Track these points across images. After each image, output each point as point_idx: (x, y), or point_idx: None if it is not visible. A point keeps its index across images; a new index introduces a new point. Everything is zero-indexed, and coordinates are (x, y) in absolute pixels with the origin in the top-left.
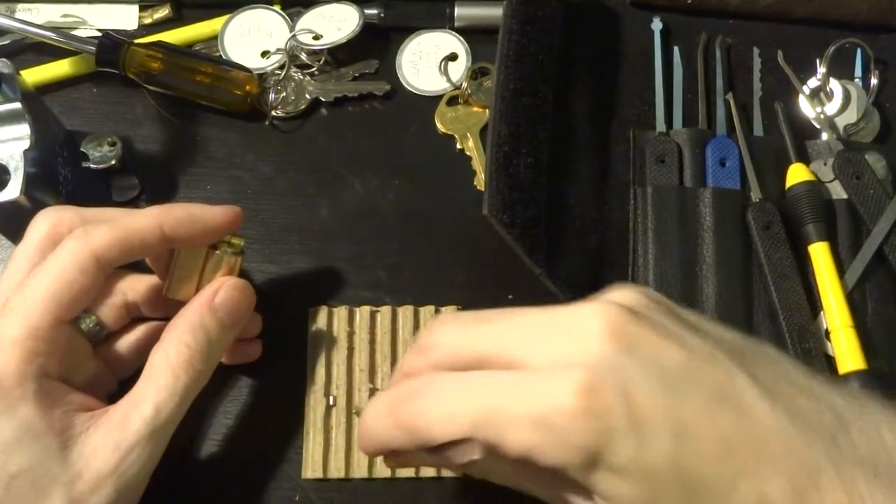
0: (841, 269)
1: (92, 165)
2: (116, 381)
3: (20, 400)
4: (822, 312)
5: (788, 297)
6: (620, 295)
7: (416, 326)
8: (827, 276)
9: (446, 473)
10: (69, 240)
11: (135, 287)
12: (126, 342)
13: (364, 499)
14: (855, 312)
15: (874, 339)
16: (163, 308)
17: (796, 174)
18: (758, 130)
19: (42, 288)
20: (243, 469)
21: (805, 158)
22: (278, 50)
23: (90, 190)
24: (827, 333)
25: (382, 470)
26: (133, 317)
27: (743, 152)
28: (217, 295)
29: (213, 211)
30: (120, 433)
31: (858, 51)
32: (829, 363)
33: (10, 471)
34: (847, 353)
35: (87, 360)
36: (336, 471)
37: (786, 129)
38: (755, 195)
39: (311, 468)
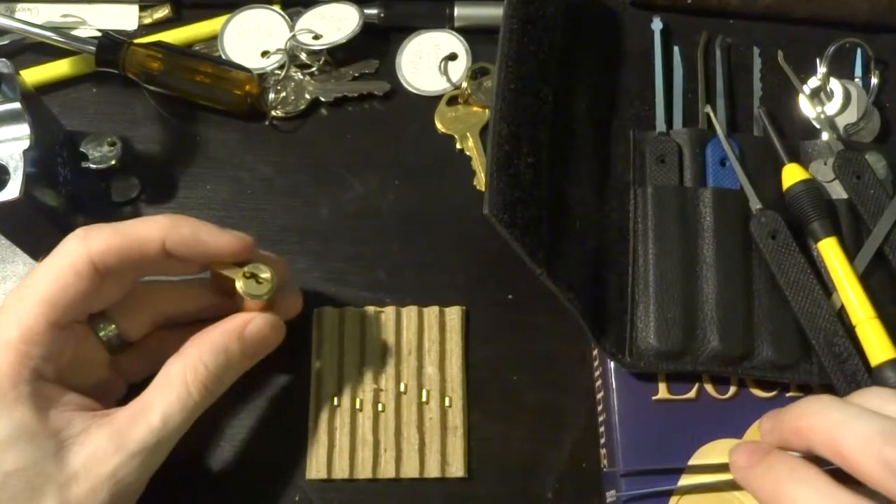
0: None
1: (92, 165)
2: (126, 386)
3: (15, 401)
4: (841, 308)
5: (808, 304)
6: None
7: (420, 327)
8: (842, 271)
9: (449, 475)
10: (68, 240)
11: (162, 298)
12: (141, 349)
13: (365, 500)
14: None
15: None
16: (190, 316)
17: (792, 174)
18: (758, 131)
19: (37, 290)
20: (243, 469)
21: (797, 158)
22: (278, 50)
23: (90, 190)
24: (849, 330)
25: (386, 471)
26: (157, 326)
27: (732, 161)
28: (249, 325)
29: (220, 238)
30: (122, 438)
31: (858, 51)
32: (862, 358)
33: (4, 469)
34: (876, 344)
35: (98, 367)
36: (340, 472)
37: (772, 130)
38: (753, 204)
39: (315, 469)
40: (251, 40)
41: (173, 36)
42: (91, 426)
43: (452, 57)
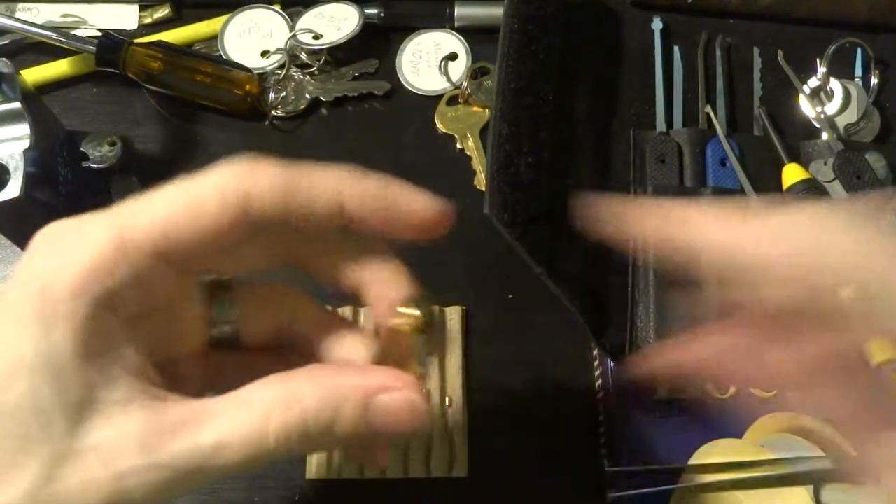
0: None
1: (92, 165)
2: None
3: (63, 318)
4: None
5: None
6: None
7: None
8: None
9: (449, 474)
10: (228, 164)
11: (299, 301)
12: (242, 362)
13: (365, 500)
14: None
15: None
16: (328, 341)
17: (792, 174)
18: (758, 131)
19: (165, 203)
20: None
21: (797, 158)
22: (278, 50)
23: (90, 190)
24: None
25: (393, 471)
26: (281, 343)
27: (733, 160)
28: (385, 394)
29: (416, 200)
30: (157, 439)
31: (858, 51)
32: None
33: (3, 397)
34: (876, 343)
35: (187, 355)
36: (340, 471)
37: (772, 130)
38: None
39: (315, 468)
40: (251, 40)
41: (173, 36)
42: (134, 402)
43: (452, 57)
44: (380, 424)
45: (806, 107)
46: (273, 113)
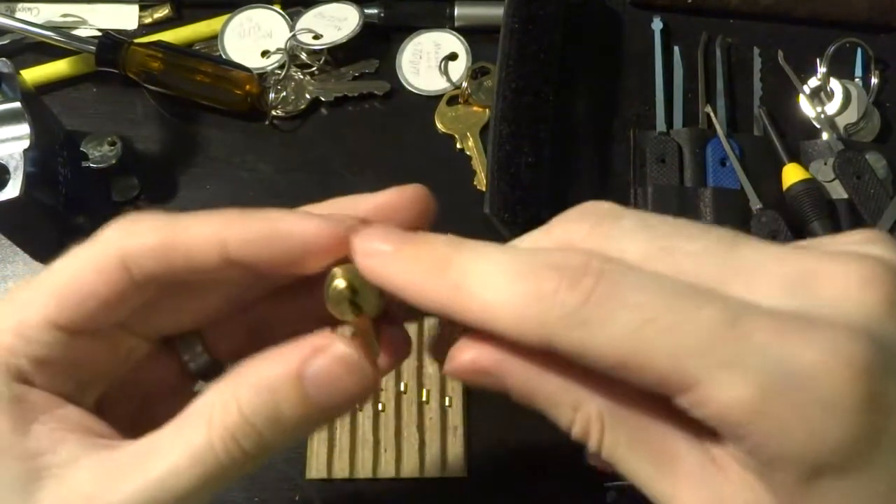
0: None
1: (92, 165)
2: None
3: None
4: None
5: None
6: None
7: (420, 326)
8: None
9: (449, 475)
10: (107, 227)
11: (254, 303)
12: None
13: (365, 500)
14: None
15: None
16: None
17: (792, 174)
18: (758, 131)
19: (50, 281)
20: None
21: (797, 158)
22: (278, 50)
23: (90, 190)
24: None
25: (386, 471)
26: (254, 340)
27: (733, 160)
28: (315, 360)
29: (303, 224)
30: (112, 484)
31: (858, 51)
32: None
33: None
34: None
35: (169, 394)
36: (340, 471)
37: (772, 130)
38: (753, 204)
39: (315, 468)
40: (251, 40)
41: (173, 36)
42: (80, 458)
43: (452, 57)
44: (321, 393)
45: (806, 107)
46: (273, 113)
